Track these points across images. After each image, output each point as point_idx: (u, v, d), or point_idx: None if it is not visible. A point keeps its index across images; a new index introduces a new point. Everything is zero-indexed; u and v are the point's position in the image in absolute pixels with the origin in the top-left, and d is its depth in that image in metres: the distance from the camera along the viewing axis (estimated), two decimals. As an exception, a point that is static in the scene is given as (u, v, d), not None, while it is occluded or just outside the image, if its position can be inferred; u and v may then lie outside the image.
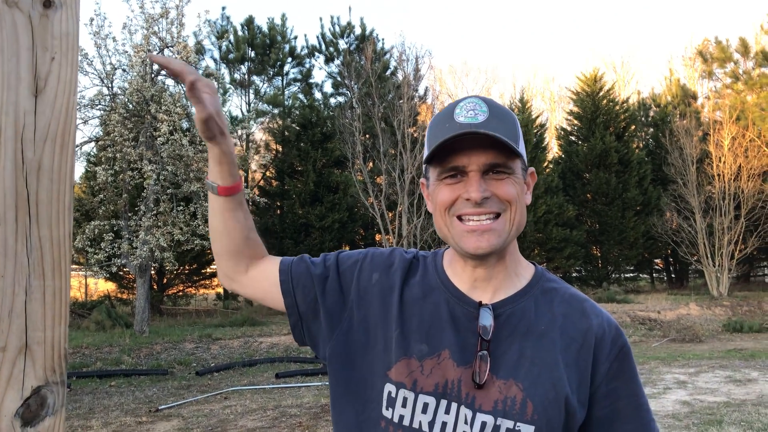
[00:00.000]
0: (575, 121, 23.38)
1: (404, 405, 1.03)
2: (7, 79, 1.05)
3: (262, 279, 1.21)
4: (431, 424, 1.01)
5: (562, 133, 24.11)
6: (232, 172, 1.17)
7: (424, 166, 1.14)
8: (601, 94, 22.64)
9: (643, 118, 25.70)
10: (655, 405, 6.74)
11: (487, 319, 1.05)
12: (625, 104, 23.39)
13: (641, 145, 24.14)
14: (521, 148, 1.05)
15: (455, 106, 1.06)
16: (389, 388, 1.05)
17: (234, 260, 1.22)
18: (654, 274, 25.29)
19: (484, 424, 0.99)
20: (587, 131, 22.25)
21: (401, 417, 1.03)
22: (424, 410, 1.02)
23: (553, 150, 25.55)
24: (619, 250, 21.11)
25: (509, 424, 0.99)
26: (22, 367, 1.04)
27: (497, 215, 1.03)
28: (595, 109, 22.30)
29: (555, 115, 34.66)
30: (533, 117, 21.31)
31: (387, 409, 1.04)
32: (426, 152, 1.09)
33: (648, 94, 28.11)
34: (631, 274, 23.52)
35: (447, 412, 1.01)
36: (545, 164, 20.92)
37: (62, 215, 1.09)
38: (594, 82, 22.79)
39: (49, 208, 1.08)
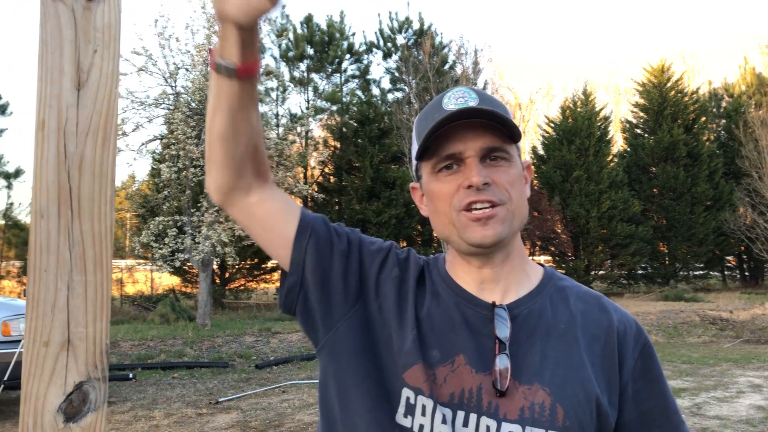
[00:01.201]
0: (641, 114, 22.61)
1: (424, 414, 0.93)
2: (50, 73, 1.05)
3: (268, 211, 1.03)
4: None
5: (627, 125, 23.36)
6: (255, 49, 0.93)
7: (414, 165, 1.05)
8: (668, 85, 21.80)
9: (714, 109, 24.60)
10: (727, 409, 6.43)
11: (503, 321, 0.97)
12: (694, 95, 22.45)
13: (712, 137, 23.13)
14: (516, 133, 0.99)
15: (443, 97, 1.00)
16: (407, 393, 0.95)
17: (235, 173, 1.00)
18: (726, 272, 24.20)
19: None
20: (654, 124, 21.48)
21: (421, 426, 0.93)
22: (444, 421, 0.92)
23: (618, 143, 24.78)
24: (687, 246, 20.31)
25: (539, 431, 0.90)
26: (64, 362, 1.03)
27: (495, 205, 0.95)
28: (662, 100, 21.50)
29: (620, 107, 33.63)
30: (597, 110, 20.70)
31: (406, 416, 0.94)
32: (415, 148, 1.01)
33: (720, 84, 26.85)
34: (701, 272, 22.58)
35: (465, 424, 0.92)
36: (609, 158, 20.30)
37: (104, 209, 1.07)
38: (661, 73, 21.96)
39: (91, 202, 1.07)
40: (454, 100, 0.98)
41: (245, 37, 0.90)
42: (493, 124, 0.96)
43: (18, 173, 17.54)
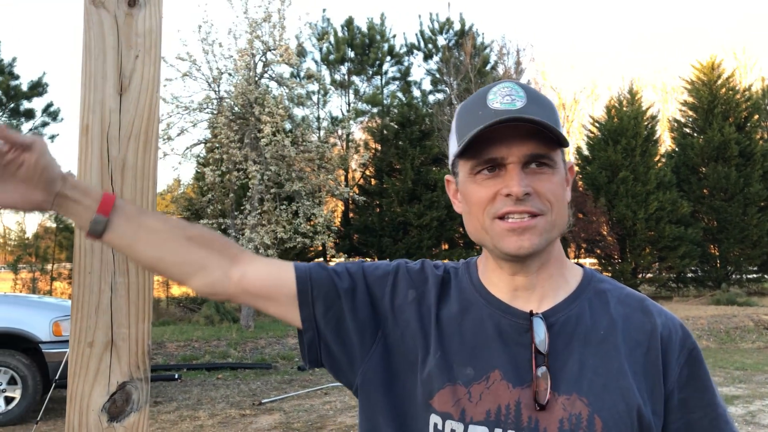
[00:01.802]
0: (690, 112, 21.98)
1: None
2: (93, 79, 1.07)
3: (258, 282, 1.01)
4: None
5: (676, 125, 22.73)
6: (89, 191, 0.94)
7: (451, 160, 1.00)
8: (719, 82, 21.14)
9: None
10: (782, 418, 6.18)
11: (541, 330, 0.92)
12: (747, 92, 21.71)
13: (766, 135, 22.33)
14: (563, 136, 0.94)
15: (488, 92, 0.94)
16: (434, 419, 0.92)
17: (197, 272, 0.98)
18: (781, 276, 23.32)
19: None
20: (703, 122, 20.86)
21: None
22: None
23: (666, 143, 24.13)
24: (740, 249, 19.63)
25: None
26: (108, 362, 1.05)
27: (535, 215, 0.91)
28: (712, 98, 20.85)
29: (667, 106, 32.79)
30: (643, 109, 20.22)
31: None
32: (455, 144, 0.96)
33: (773, 81, 25.90)
34: (755, 275, 21.80)
35: None
36: (657, 158, 19.80)
37: (146, 212, 1.09)
38: (711, 70, 21.31)
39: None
40: (500, 97, 0.92)
41: (71, 190, 0.93)
42: (540, 129, 0.90)
43: (70, 178, 18.10)
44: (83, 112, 1.09)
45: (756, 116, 21.35)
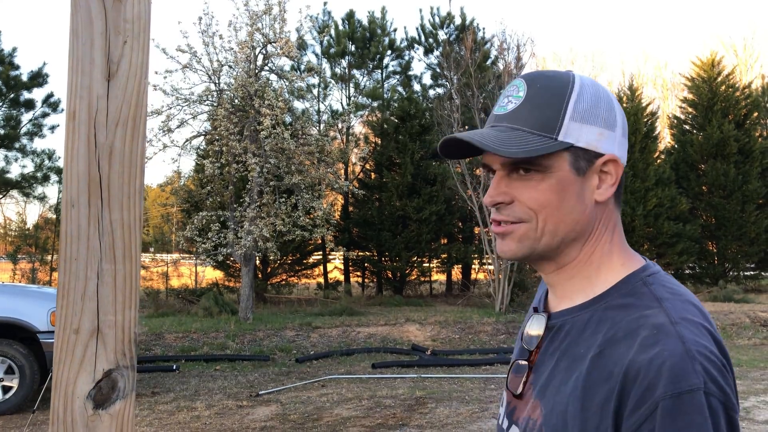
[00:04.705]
0: (690, 109, 21.94)
1: (501, 404, 1.05)
2: (81, 64, 1.06)
3: None
4: (503, 426, 1.01)
5: (675, 121, 22.70)
6: None
7: None
8: (719, 79, 21.09)
9: (767, 105, 23.72)
10: (777, 415, 6.20)
11: (535, 327, 0.96)
12: (746, 90, 21.67)
13: (765, 133, 22.31)
14: (568, 135, 0.87)
15: (503, 90, 0.95)
16: (503, 392, 1.05)
17: None
18: (778, 273, 23.34)
19: None
20: (703, 119, 20.83)
21: (498, 416, 1.05)
22: (503, 412, 1.03)
23: (665, 140, 24.12)
24: (738, 246, 19.64)
25: None
26: (94, 350, 1.05)
27: (515, 223, 0.90)
28: (712, 95, 20.82)
29: (667, 103, 32.77)
30: (643, 105, 20.19)
31: (500, 406, 1.04)
32: None
33: (774, 78, 25.87)
34: (752, 272, 21.82)
35: (499, 418, 1.04)
36: (656, 154, 19.78)
37: (133, 199, 1.08)
38: (711, 67, 21.26)
39: (121, 192, 1.08)
40: (501, 98, 0.93)
41: None
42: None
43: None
44: (70, 97, 1.08)
45: (755, 114, 21.32)
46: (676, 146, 21.50)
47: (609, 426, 0.77)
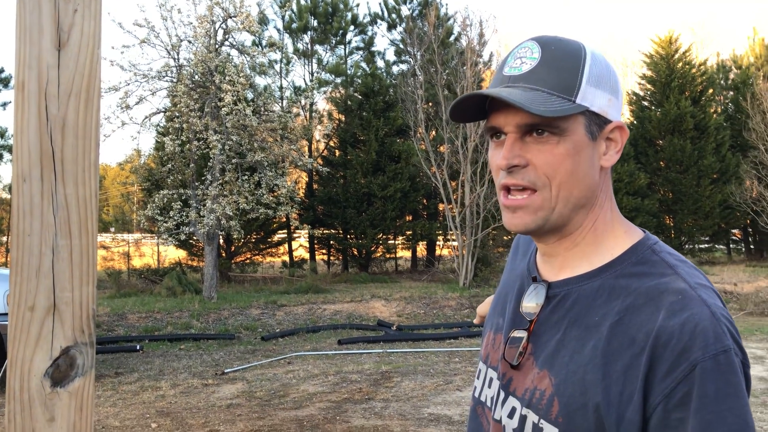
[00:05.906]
0: (648, 86, 22.35)
1: (478, 377, 1.05)
2: (29, 32, 1.02)
3: None
4: (494, 399, 0.97)
5: (634, 98, 23.10)
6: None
7: None
8: (676, 56, 21.51)
9: (722, 81, 24.30)
10: (728, 381, 6.45)
11: (533, 298, 0.94)
12: (702, 67, 22.16)
13: (719, 109, 22.88)
14: (585, 98, 0.86)
15: (511, 51, 0.92)
16: (479, 364, 1.06)
17: None
18: (731, 245, 24.15)
19: (513, 410, 0.91)
20: (661, 96, 21.25)
21: (474, 388, 1.05)
22: (489, 384, 0.99)
23: (625, 116, 24.55)
24: (693, 219, 20.24)
25: (534, 418, 0.87)
26: (50, 327, 1.02)
27: (533, 191, 0.87)
28: (669, 72, 21.23)
29: (627, 79, 33.25)
30: (603, 82, 20.47)
31: (477, 379, 1.06)
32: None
33: (728, 56, 26.48)
34: (706, 245, 22.53)
35: (489, 386, 1.00)
36: (615, 131, 20.14)
37: (88, 173, 1.05)
38: (669, 44, 21.65)
39: (75, 165, 1.05)
40: (512, 60, 0.89)
41: None
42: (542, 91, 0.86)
43: (23, 147, 17.53)
44: (19, 68, 1.04)
45: (710, 90, 21.84)
46: (635, 122, 21.90)
47: (636, 390, 0.78)
